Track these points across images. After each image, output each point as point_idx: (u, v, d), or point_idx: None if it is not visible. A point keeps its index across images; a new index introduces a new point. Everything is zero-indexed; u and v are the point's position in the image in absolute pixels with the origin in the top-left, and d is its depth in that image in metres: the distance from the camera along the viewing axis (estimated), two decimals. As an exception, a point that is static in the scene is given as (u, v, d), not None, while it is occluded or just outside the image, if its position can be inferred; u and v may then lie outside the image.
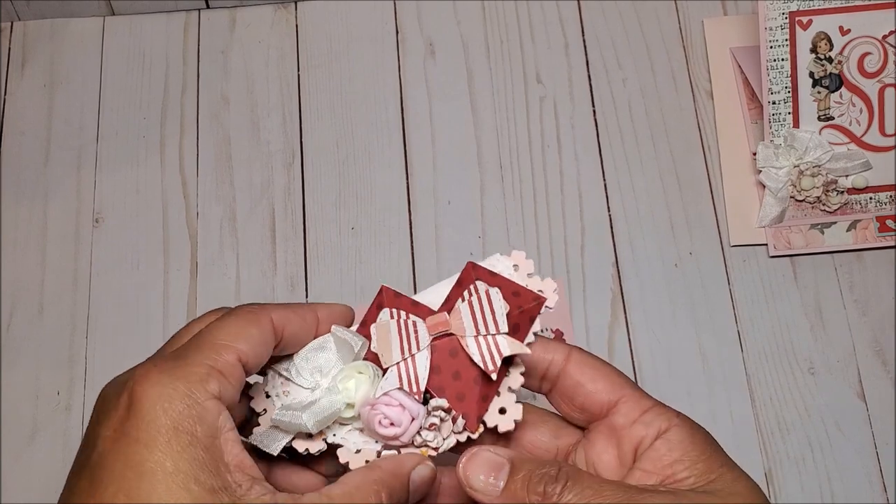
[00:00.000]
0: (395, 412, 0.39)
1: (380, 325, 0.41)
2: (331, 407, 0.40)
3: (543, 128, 0.69)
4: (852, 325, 0.64)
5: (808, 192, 0.65)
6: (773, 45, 0.65)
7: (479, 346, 0.40)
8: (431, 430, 0.40)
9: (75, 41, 0.72)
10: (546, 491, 0.36)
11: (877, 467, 0.61)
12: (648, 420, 0.38)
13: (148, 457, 0.33)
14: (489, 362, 0.39)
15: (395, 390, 0.40)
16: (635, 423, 0.39)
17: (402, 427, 0.39)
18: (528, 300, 0.41)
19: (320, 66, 0.71)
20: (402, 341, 0.40)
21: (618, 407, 0.39)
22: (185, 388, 0.35)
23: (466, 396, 0.40)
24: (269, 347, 0.40)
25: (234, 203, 0.68)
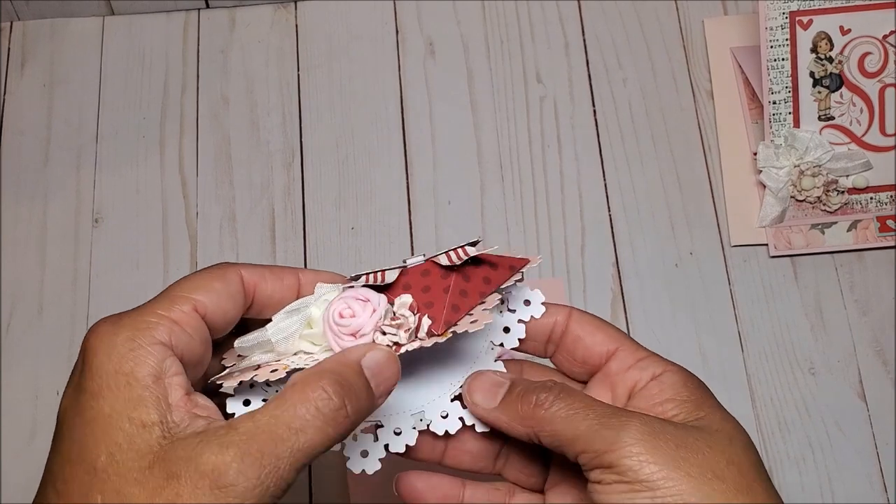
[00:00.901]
0: (358, 304, 0.38)
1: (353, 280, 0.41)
2: (290, 320, 0.38)
3: (543, 128, 0.69)
4: (853, 325, 0.64)
5: (809, 192, 0.65)
6: (774, 45, 0.65)
7: (448, 255, 0.40)
8: (395, 326, 0.39)
9: (75, 41, 0.72)
10: (538, 399, 0.38)
11: (877, 467, 0.61)
12: (643, 366, 0.40)
13: (92, 404, 0.34)
14: (454, 256, 0.39)
15: (361, 287, 0.39)
16: (630, 369, 0.40)
17: (362, 319, 0.38)
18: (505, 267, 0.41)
19: (320, 66, 0.71)
20: (372, 277, 0.40)
21: (615, 355, 0.40)
22: (129, 334, 0.36)
23: (435, 305, 0.39)
24: (235, 303, 0.38)
25: (234, 203, 0.68)
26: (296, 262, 0.66)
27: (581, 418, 0.37)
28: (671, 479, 0.34)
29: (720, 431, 0.37)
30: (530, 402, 0.38)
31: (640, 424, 0.36)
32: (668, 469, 0.34)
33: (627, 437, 0.35)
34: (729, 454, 0.36)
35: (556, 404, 0.37)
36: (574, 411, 0.37)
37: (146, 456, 0.33)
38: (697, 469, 0.35)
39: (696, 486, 0.34)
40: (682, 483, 0.34)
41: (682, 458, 0.35)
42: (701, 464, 0.35)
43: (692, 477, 0.34)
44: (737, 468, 0.35)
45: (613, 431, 0.36)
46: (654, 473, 0.34)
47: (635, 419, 0.36)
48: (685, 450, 0.35)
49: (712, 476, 0.35)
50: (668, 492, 0.34)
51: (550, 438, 0.38)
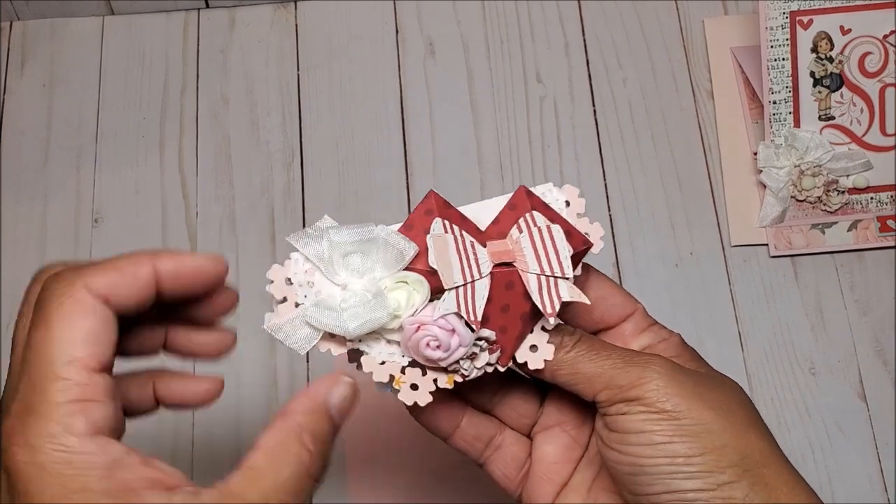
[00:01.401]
0: (446, 337, 0.37)
1: (437, 238, 0.38)
2: (377, 318, 0.37)
3: (543, 128, 0.69)
4: (853, 325, 0.64)
5: (809, 191, 0.65)
6: (774, 45, 0.65)
7: (539, 286, 0.38)
8: (469, 358, 0.39)
9: (75, 41, 0.72)
10: (563, 341, 0.40)
11: (877, 467, 0.61)
12: (655, 331, 0.42)
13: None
14: (548, 305, 0.38)
15: (452, 315, 0.37)
16: (643, 332, 0.42)
17: (448, 353, 0.38)
18: (577, 243, 0.40)
19: (320, 66, 0.71)
20: (462, 263, 0.38)
21: (631, 317, 0.43)
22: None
23: (508, 331, 0.39)
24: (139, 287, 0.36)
25: (234, 203, 0.68)
26: (296, 262, 0.66)
27: (603, 358, 0.39)
28: (694, 409, 0.37)
29: (723, 379, 0.40)
30: (556, 344, 0.39)
31: (663, 362, 0.39)
32: (691, 401, 0.37)
33: (652, 373, 0.38)
34: (736, 396, 0.39)
35: (578, 346, 0.39)
36: (596, 352, 0.39)
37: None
38: (715, 403, 0.38)
39: (715, 416, 0.37)
40: (704, 413, 0.37)
41: (701, 394, 0.38)
42: (717, 399, 0.38)
43: (711, 409, 0.37)
44: (743, 407, 0.39)
45: (639, 368, 0.38)
46: (679, 404, 0.37)
47: (656, 358, 0.39)
48: (702, 387, 0.38)
49: (727, 410, 0.38)
50: (693, 420, 0.37)
51: (569, 378, 0.39)
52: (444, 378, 0.39)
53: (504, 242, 0.39)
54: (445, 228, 0.39)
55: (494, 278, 0.38)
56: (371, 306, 0.38)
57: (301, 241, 0.39)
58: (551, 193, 0.41)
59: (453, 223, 0.39)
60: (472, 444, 0.44)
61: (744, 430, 0.37)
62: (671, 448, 0.37)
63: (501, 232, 0.40)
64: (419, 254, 0.39)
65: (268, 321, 0.39)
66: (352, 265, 0.39)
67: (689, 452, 0.36)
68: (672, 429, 0.37)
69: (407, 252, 0.38)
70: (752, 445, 0.37)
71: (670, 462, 0.37)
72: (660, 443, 0.37)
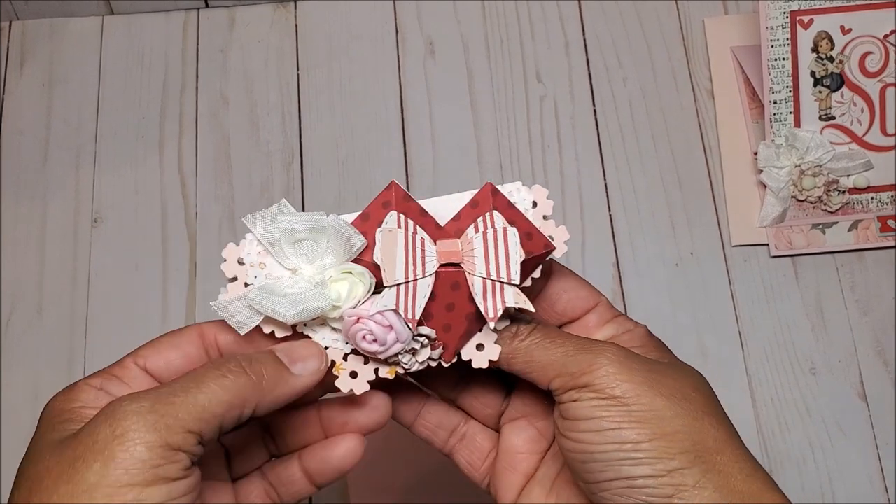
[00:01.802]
0: (382, 332, 0.38)
1: (386, 232, 0.39)
2: (316, 307, 0.38)
3: (544, 127, 0.69)
4: (853, 325, 0.64)
5: (810, 191, 0.65)
6: (774, 45, 0.65)
7: (484, 289, 0.38)
8: (409, 352, 0.39)
9: (74, 40, 0.72)
10: (518, 330, 0.40)
11: (878, 467, 0.60)
12: (619, 322, 0.42)
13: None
14: (491, 310, 0.38)
15: (390, 311, 0.38)
16: (608, 323, 0.42)
17: (385, 347, 0.38)
18: (538, 246, 0.40)
19: (320, 66, 0.71)
20: (407, 260, 0.38)
21: (594, 309, 0.42)
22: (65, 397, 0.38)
23: (452, 329, 0.39)
24: (184, 353, 0.39)
25: (234, 203, 0.67)
26: (295, 262, 0.66)
27: (557, 346, 0.39)
28: (645, 395, 0.37)
29: (683, 368, 0.40)
30: (510, 332, 0.39)
31: (616, 349, 0.38)
32: (643, 388, 0.37)
33: (603, 359, 0.38)
34: (693, 383, 0.39)
35: (533, 334, 0.39)
36: (550, 340, 0.39)
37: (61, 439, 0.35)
38: (668, 390, 0.37)
39: (667, 403, 0.37)
40: (656, 400, 0.37)
41: (654, 381, 0.37)
42: (671, 386, 0.38)
43: (664, 396, 0.37)
44: (701, 394, 0.38)
45: (590, 355, 0.38)
46: (630, 390, 0.37)
47: (610, 345, 0.39)
48: (656, 374, 0.38)
49: (681, 397, 0.37)
50: (643, 407, 0.37)
51: (523, 366, 0.39)
52: (385, 369, 0.40)
53: (454, 242, 0.39)
54: (399, 223, 0.39)
55: (440, 278, 0.39)
56: (311, 295, 0.38)
57: (255, 223, 0.41)
58: (518, 193, 0.41)
59: (410, 217, 0.39)
60: (434, 432, 0.44)
61: (698, 417, 0.37)
62: (620, 434, 0.36)
63: (460, 229, 0.40)
64: (368, 246, 0.39)
65: (218, 299, 0.40)
66: (303, 251, 0.39)
67: (637, 438, 0.36)
68: (621, 415, 0.37)
69: (354, 243, 0.39)
70: (706, 433, 0.37)
71: (618, 448, 0.36)
72: (608, 429, 0.37)
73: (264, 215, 0.40)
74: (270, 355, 0.38)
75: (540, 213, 0.41)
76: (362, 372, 0.40)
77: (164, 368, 0.39)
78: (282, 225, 0.40)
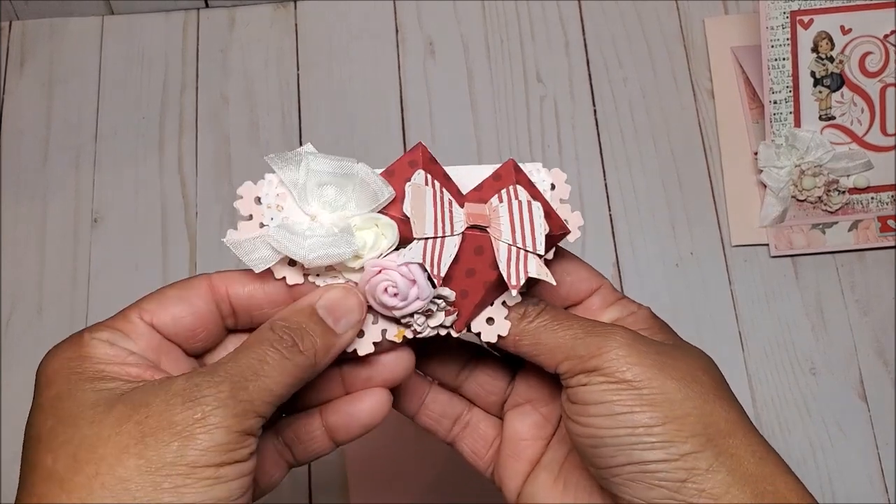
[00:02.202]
0: (406, 286, 0.37)
1: (416, 186, 0.37)
2: (339, 252, 0.36)
3: (544, 127, 0.69)
4: (853, 325, 0.64)
5: (810, 191, 0.65)
6: (775, 45, 0.65)
7: (508, 257, 0.37)
8: (424, 314, 0.38)
9: (74, 40, 0.72)
10: (526, 311, 0.39)
11: (878, 467, 0.60)
12: (623, 304, 0.41)
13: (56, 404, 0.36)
14: (514, 277, 0.37)
15: (416, 265, 0.37)
16: (611, 306, 0.41)
17: (406, 302, 0.37)
18: (555, 227, 0.39)
19: (320, 66, 0.71)
20: (437, 216, 0.37)
21: (598, 291, 0.42)
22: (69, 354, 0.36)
23: (469, 296, 0.38)
24: (194, 308, 0.38)
25: (233, 203, 0.67)
26: (295, 262, 0.66)
27: (565, 329, 0.38)
28: (656, 378, 0.36)
29: (691, 349, 0.39)
30: (518, 313, 0.39)
31: (625, 332, 0.38)
32: (653, 371, 0.36)
33: (613, 342, 0.37)
34: (702, 365, 0.38)
35: (542, 315, 0.39)
36: (558, 322, 0.38)
37: (105, 401, 0.34)
38: (678, 373, 0.37)
39: (678, 386, 0.36)
40: (667, 383, 0.36)
41: (664, 363, 0.37)
42: (681, 368, 0.37)
43: (674, 379, 0.36)
44: (710, 377, 0.38)
45: (600, 338, 0.37)
46: (640, 374, 0.36)
47: (619, 328, 0.38)
48: (666, 356, 0.37)
49: (691, 379, 0.37)
50: (654, 390, 0.36)
51: (531, 348, 0.39)
52: (393, 330, 0.39)
53: (483, 206, 0.39)
54: (426, 182, 0.38)
55: (465, 239, 0.38)
56: (336, 240, 0.37)
57: (278, 163, 0.38)
58: (538, 173, 0.41)
59: (435, 179, 0.38)
60: (438, 421, 0.44)
61: (709, 400, 0.37)
62: (632, 418, 0.36)
63: (482, 199, 0.39)
64: (394, 200, 0.38)
65: (229, 236, 0.38)
66: (325, 197, 0.38)
67: (649, 422, 0.36)
68: (632, 398, 0.36)
69: (382, 194, 0.37)
70: (718, 415, 0.36)
71: (631, 433, 0.36)
72: (620, 413, 0.36)
73: (288, 156, 0.38)
74: (315, 319, 0.37)
75: (557, 195, 0.40)
76: (369, 332, 0.38)
77: (172, 325, 0.38)
78: (312, 166, 0.38)
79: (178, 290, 0.38)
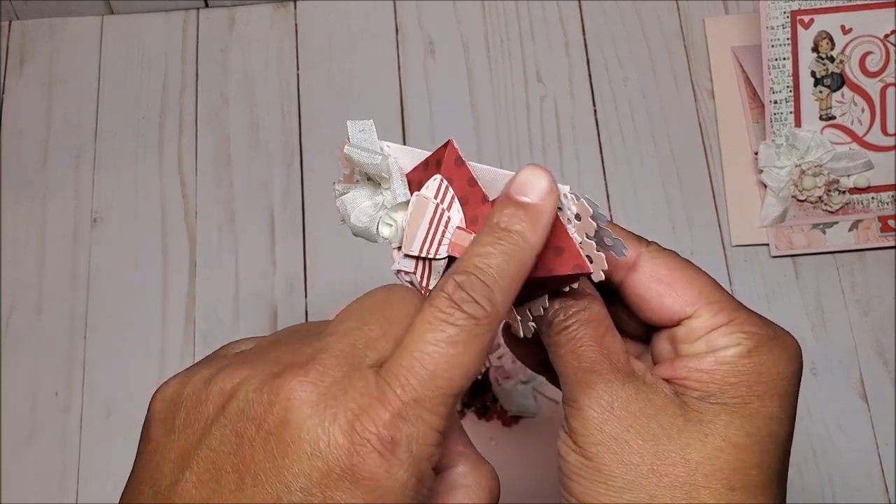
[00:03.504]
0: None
1: (420, 199, 0.37)
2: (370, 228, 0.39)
3: (544, 127, 0.69)
4: (854, 325, 0.64)
5: (810, 191, 0.65)
6: (775, 45, 0.65)
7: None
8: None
9: (74, 40, 0.72)
10: (554, 322, 0.35)
11: (878, 468, 0.60)
12: (712, 338, 0.34)
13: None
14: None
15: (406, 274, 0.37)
16: (698, 340, 0.34)
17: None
18: (566, 266, 0.34)
19: (320, 66, 0.71)
20: (427, 235, 0.36)
21: (685, 322, 0.34)
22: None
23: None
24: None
25: (233, 203, 0.67)
26: (295, 262, 0.66)
27: (569, 361, 0.34)
28: (604, 456, 0.32)
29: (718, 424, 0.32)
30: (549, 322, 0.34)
31: (601, 393, 0.33)
32: (604, 447, 0.32)
33: (585, 399, 0.33)
34: (718, 463, 0.32)
35: (561, 334, 0.34)
36: (568, 350, 0.34)
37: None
38: (638, 458, 0.32)
39: (625, 471, 0.32)
40: (614, 466, 0.32)
41: (626, 442, 0.32)
42: (645, 453, 0.32)
43: (625, 464, 0.32)
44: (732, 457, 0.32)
45: (579, 389, 0.33)
46: (591, 447, 0.32)
47: (601, 386, 0.33)
48: (636, 433, 0.32)
49: (649, 471, 0.31)
50: (597, 466, 0.32)
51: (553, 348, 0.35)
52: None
53: (469, 237, 0.36)
54: (438, 191, 0.37)
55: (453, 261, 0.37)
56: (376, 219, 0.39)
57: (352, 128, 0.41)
58: (565, 199, 0.37)
59: (454, 185, 0.37)
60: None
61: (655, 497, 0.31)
62: (570, 487, 0.32)
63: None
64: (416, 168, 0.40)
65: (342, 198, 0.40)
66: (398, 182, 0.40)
67: (581, 499, 0.32)
68: (577, 466, 0.32)
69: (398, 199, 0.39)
70: None
71: (566, 500, 0.32)
72: (566, 476, 0.33)
73: (362, 130, 0.40)
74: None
75: (583, 230, 0.36)
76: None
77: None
78: (346, 151, 0.40)
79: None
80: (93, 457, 0.61)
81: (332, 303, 0.64)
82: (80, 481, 0.61)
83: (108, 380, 0.63)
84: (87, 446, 0.61)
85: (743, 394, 0.32)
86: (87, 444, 0.61)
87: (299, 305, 0.65)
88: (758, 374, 0.33)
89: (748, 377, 0.33)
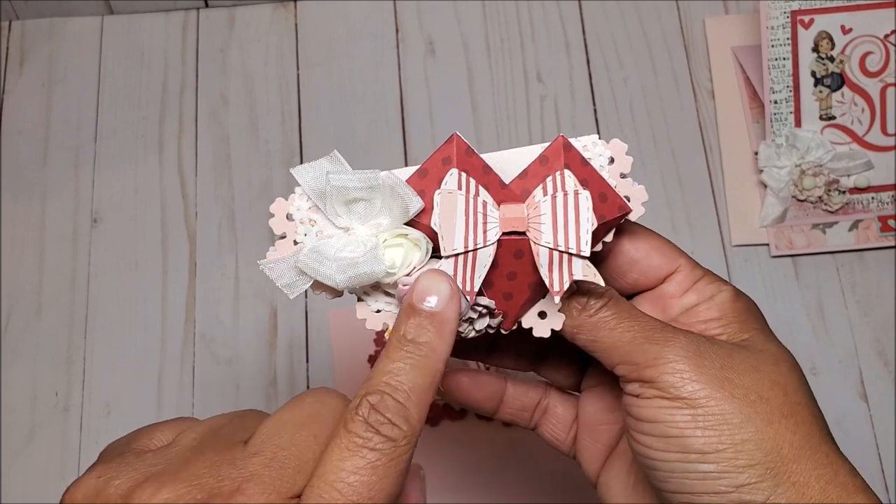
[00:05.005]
0: None
1: (445, 195, 0.35)
2: (370, 272, 0.35)
3: (544, 127, 0.69)
4: (854, 325, 0.64)
5: (810, 191, 0.65)
6: (775, 45, 0.65)
7: (550, 261, 0.35)
8: (465, 321, 0.36)
9: (74, 40, 0.72)
10: (588, 303, 0.36)
11: (878, 467, 0.60)
12: (699, 288, 0.38)
13: None
14: (557, 283, 0.34)
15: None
16: (687, 292, 0.38)
17: None
18: (612, 209, 0.36)
19: (320, 65, 0.71)
20: (467, 227, 0.35)
21: (671, 277, 0.39)
22: None
23: (514, 297, 0.36)
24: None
25: (233, 203, 0.67)
26: (295, 262, 0.66)
27: (625, 329, 0.35)
28: (713, 398, 0.34)
29: (765, 352, 0.36)
30: (580, 304, 0.36)
31: (686, 342, 0.35)
32: (712, 388, 0.34)
33: (671, 353, 0.34)
34: (774, 375, 0.35)
35: (603, 310, 0.36)
36: (619, 321, 0.36)
37: None
38: (741, 390, 0.34)
39: (738, 406, 0.34)
40: (725, 403, 0.34)
41: (727, 378, 0.34)
42: (745, 384, 0.34)
43: (735, 398, 0.34)
44: (781, 389, 0.35)
45: (657, 346, 0.35)
46: (697, 391, 0.34)
47: (681, 336, 0.35)
48: (730, 370, 0.34)
49: (756, 398, 0.34)
50: (710, 410, 0.34)
51: (588, 343, 0.36)
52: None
53: (520, 208, 0.36)
54: (460, 183, 0.36)
55: (503, 245, 0.35)
56: (365, 260, 0.35)
57: (305, 175, 0.37)
58: (594, 147, 0.37)
59: (472, 175, 0.36)
60: (517, 414, 0.42)
61: (773, 421, 0.33)
62: (684, 443, 0.33)
63: (526, 189, 0.36)
64: (426, 208, 0.36)
65: (266, 258, 0.37)
66: (356, 210, 0.36)
67: (703, 448, 0.33)
68: (685, 420, 0.33)
69: (412, 206, 0.35)
70: (781, 439, 0.33)
71: (682, 459, 0.33)
72: (672, 436, 0.34)
73: (314, 167, 0.37)
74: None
75: (617, 170, 0.37)
76: None
77: None
78: (333, 183, 0.36)
79: None
80: (93, 457, 0.61)
81: (331, 302, 0.64)
82: (80, 481, 0.61)
83: (108, 380, 0.63)
84: (87, 446, 0.61)
85: (751, 328, 0.37)
86: (87, 444, 0.61)
87: (299, 305, 0.65)
88: (748, 312, 0.38)
89: (746, 314, 0.37)
